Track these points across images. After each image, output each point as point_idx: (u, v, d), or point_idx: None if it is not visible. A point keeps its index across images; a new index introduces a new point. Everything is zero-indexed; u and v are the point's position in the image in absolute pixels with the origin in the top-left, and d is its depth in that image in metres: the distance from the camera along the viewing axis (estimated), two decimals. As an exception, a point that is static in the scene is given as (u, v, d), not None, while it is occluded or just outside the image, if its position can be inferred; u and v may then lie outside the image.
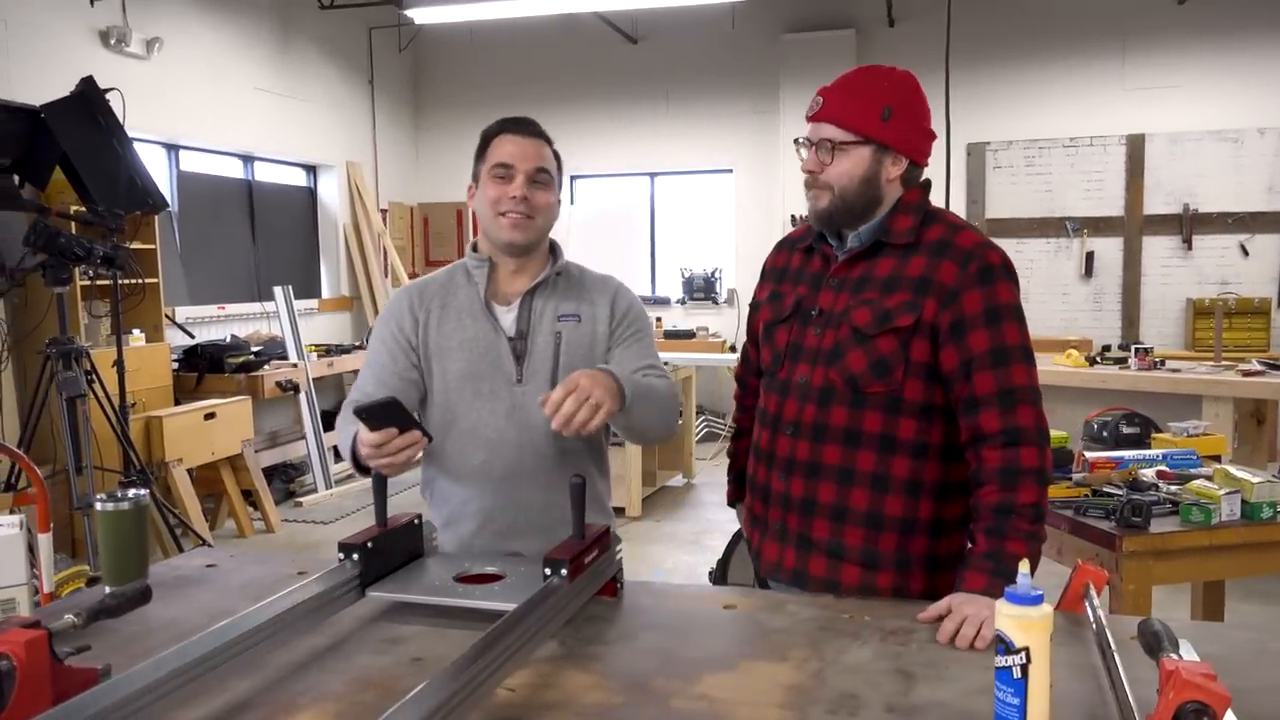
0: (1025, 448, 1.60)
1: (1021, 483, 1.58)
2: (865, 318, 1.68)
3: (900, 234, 1.70)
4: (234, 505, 5.58)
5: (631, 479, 5.81)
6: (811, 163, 1.72)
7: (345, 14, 7.89)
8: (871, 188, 1.70)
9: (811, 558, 1.73)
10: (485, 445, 1.85)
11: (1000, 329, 1.63)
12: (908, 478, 1.68)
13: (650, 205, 9.19)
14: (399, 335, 1.91)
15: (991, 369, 1.62)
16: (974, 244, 1.68)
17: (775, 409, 1.78)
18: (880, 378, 1.66)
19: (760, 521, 1.83)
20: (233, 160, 7.37)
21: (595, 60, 8.81)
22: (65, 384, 3.69)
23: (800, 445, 1.72)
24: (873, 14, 7.94)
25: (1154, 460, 2.71)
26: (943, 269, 1.65)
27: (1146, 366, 4.95)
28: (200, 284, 6.86)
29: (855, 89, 1.72)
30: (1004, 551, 1.56)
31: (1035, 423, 1.62)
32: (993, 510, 1.59)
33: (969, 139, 7.93)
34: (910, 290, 1.66)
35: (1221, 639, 1.44)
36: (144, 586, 1.41)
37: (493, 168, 1.86)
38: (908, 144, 1.71)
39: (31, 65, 5.34)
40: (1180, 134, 7.47)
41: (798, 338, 1.77)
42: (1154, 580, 2.26)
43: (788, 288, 1.83)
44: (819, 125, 1.72)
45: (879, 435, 1.68)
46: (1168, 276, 7.64)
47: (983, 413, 1.62)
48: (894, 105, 1.69)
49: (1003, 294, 1.65)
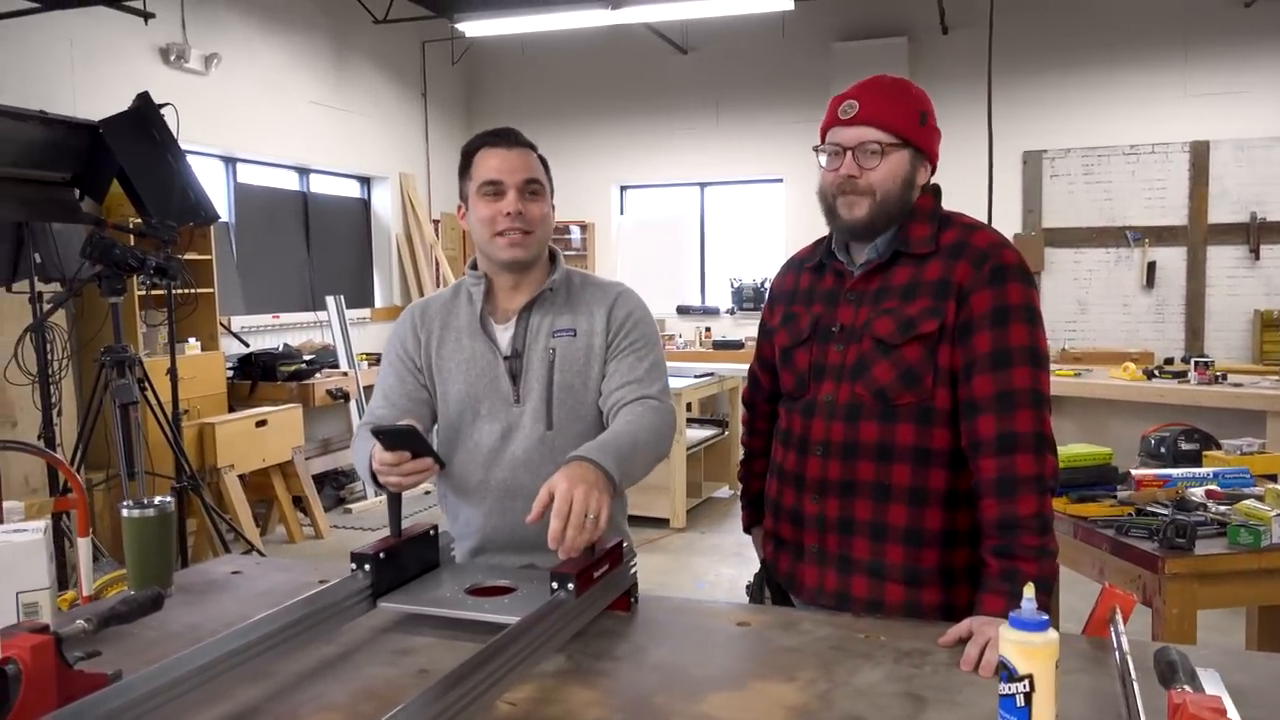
0: (1020, 455, 1.54)
1: (1020, 493, 1.53)
2: (888, 327, 1.63)
3: (919, 242, 1.66)
4: (284, 511, 5.67)
5: (676, 490, 5.79)
6: (849, 167, 1.66)
7: (399, 29, 8.02)
8: (908, 192, 1.67)
9: (854, 578, 1.67)
10: (483, 465, 1.83)
11: (1006, 330, 1.58)
12: (945, 489, 1.63)
13: (700, 215, 9.18)
14: (405, 356, 1.90)
15: (991, 371, 1.57)
16: (989, 243, 1.64)
17: (801, 430, 1.72)
18: (910, 387, 1.62)
19: (791, 546, 1.77)
20: (289, 173, 7.54)
21: (646, 71, 8.83)
22: (118, 391, 3.78)
23: (832, 465, 1.67)
24: (925, 21, 7.84)
25: (1204, 479, 2.61)
26: (959, 269, 1.62)
27: (1207, 380, 4.80)
28: (256, 293, 7.01)
29: (890, 93, 1.68)
30: (1018, 572, 1.52)
31: (1034, 428, 1.56)
32: (996, 527, 1.55)
33: (1025, 147, 7.78)
34: (930, 295, 1.62)
35: (1254, 669, 1.37)
36: (155, 594, 1.43)
37: (481, 186, 1.81)
38: (935, 151, 1.71)
39: (95, 82, 5.52)
40: (1247, 140, 7.25)
41: (819, 357, 1.72)
42: (1199, 605, 2.17)
43: (800, 308, 1.79)
44: (859, 129, 1.65)
45: (912, 448, 1.63)
46: (1234, 287, 7.40)
47: (979, 417, 1.58)
48: (927, 111, 1.69)
49: (1013, 294, 1.60)
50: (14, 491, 4.48)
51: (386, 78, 8.28)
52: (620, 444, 1.66)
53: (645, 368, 1.84)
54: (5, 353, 4.28)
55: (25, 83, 5.14)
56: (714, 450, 6.60)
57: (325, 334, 7.18)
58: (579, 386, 1.84)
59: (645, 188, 9.35)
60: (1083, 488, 2.55)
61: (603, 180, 9.18)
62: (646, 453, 1.73)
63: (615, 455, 1.60)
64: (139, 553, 1.71)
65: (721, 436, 6.61)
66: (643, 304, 1.93)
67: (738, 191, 9.06)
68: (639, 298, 1.93)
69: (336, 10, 7.56)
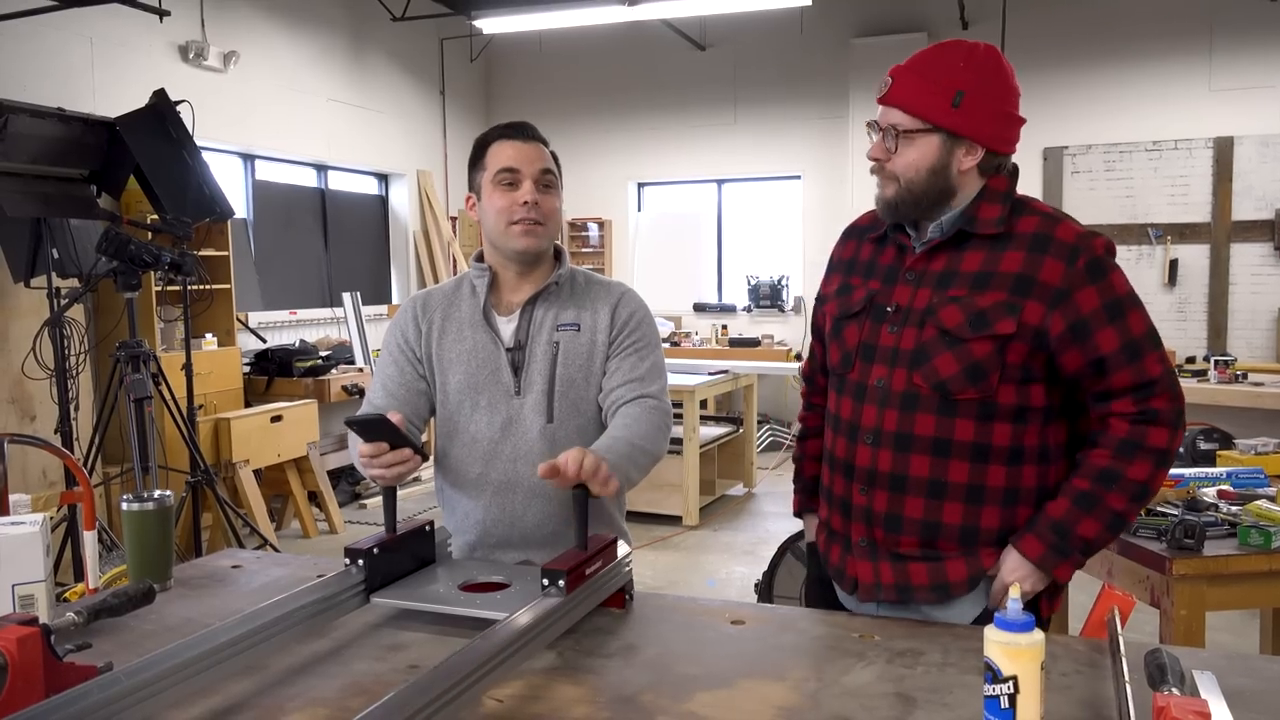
0: (1156, 428, 1.52)
1: (1138, 457, 1.52)
2: (956, 318, 1.55)
3: (987, 223, 1.57)
4: (299, 506, 5.71)
5: (689, 488, 5.77)
6: (877, 150, 1.60)
7: (417, 26, 8.05)
8: (941, 179, 1.57)
9: (910, 566, 1.62)
10: (482, 457, 1.84)
11: (1126, 322, 1.53)
12: (1005, 486, 1.58)
13: (717, 212, 9.15)
14: (404, 346, 1.91)
15: (1128, 365, 1.52)
16: (1077, 236, 1.54)
17: (851, 415, 1.65)
18: (974, 383, 1.54)
19: (842, 539, 1.70)
20: (307, 169, 7.58)
21: (663, 67, 8.81)
22: (133, 386, 3.82)
23: (882, 455, 1.61)
24: (945, 16, 7.78)
25: (1217, 479, 2.57)
26: (1046, 266, 1.52)
27: (1227, 379, 4.74)
28: (274, 289, 7.06)
29: (926, 69, 1.56)
30: (1074, 530, 1.52)
31: (1172, 405, 1.53)
32: (1096, 474, 1.54)
33: (1046, 143, 7.71)
34: (1007, 289, 1.53)
35: (1255, 672, 1.34)
36: (146, 587, 1.44)
37: (497, 174, 1.81)
38: (984, 132, 1.56)
39: (115, 79, 5.57)
40: (1272, 136, 7.14)
41: (870, 336, 1.64)
42: (1207, 606, 2.13)
43: (858, 280, 1.70)
44: (887, 110, 1.58)
45: (971, 444, 1.56)
46: (1258, 285, 7.30)
47: (1115, 402, 1.54)
48: (968, 89, 1.53)
49: (1119, 285, 1.54)
50: (32, 485, 4.54)
51: (405, 75, 8.31)
52: (620, 448, 1.67)
53: (646, 367, 1.84)
54: (23, 347, 4.34)
55: (45, 80, 5.19)
56: (727, 448, 6.58)
57: (342, 330, 7.21)
58: (581, 381, 1.84)
59: (663, 185, 9.33)
60: (1092, 487, 2.51)
61: (620, 177, 9.18)
62: (644, 456, 1.74)
63: (615, 456, 1.61)
64: (138, 546, 1.72)
65: (735, 434, 6.59)
66: (645, 305, 1.93)
67: (755, 189, 9.03)
68: (641, 298, 1.94)
69: (355, 8, 7.59)
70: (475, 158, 1.88)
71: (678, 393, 5.52)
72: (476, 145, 1.88)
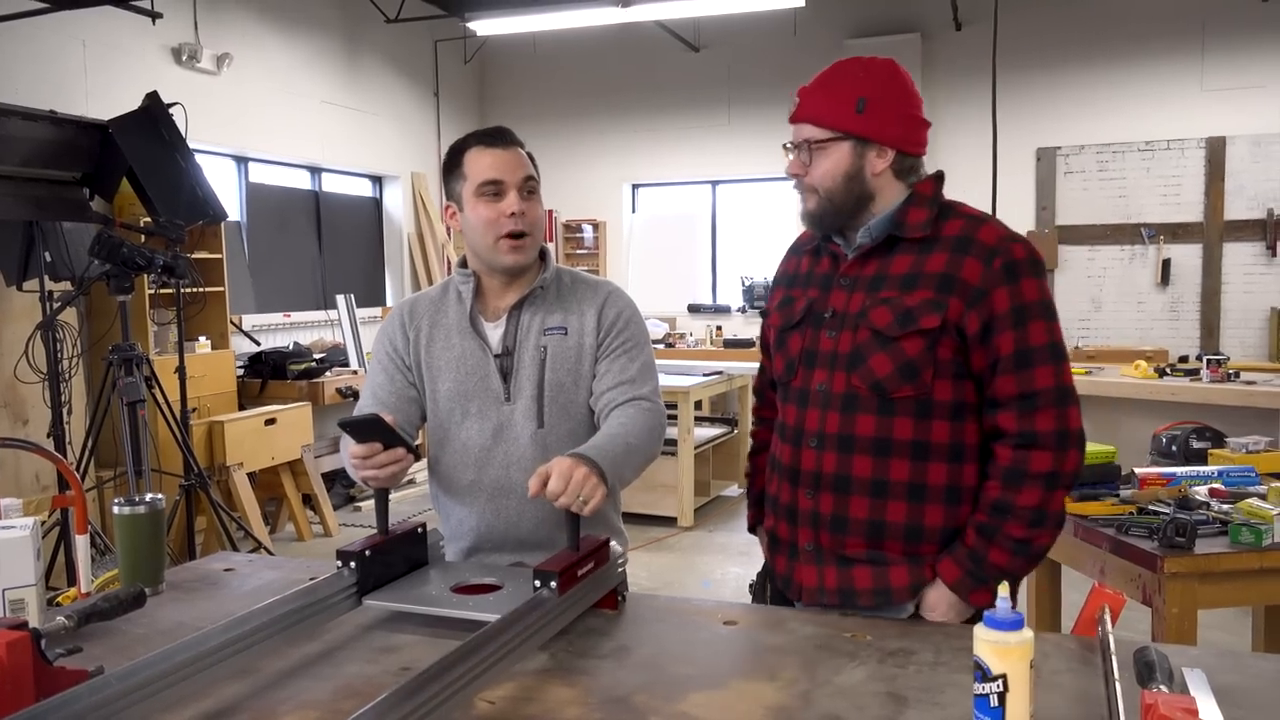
0: (1037, 452, 1.56)
1: (1025, 485, 1.56)
2: (886, 318, 1.60)
3: (915, 227, 1.63)
4: (293, 509, 5.70)
5: (684, 489, 5.77)
6: (794, 166, 1.68)
7: (411, 28, 8.04)
8: (857, 184, 1.63)
9: (855, 571, 1.65)
10: (474, 464, 1.83)
11: (1026, 330, 1.56)
12: (946, 484, 1.62)
13: (712, 213, 9.16)
14: (393, 354, 1.90)
15: (1015, 372, 1.57)
16: (998, 238, 1.60)
17: (795, 421, 1.70)
18: (909, 381, 1.59)
19: (786, 546, 1.74)
20: (300, 172, 7.57)
21: (657, 69, 8.82)
22: (125, 389, 3.81)
23: (826, 457, 1.64)
24: (938, 17, 7.80)
25: (1209, 477, 2.58)
26: (966, 266, 1.58)
27: (1219, 378, 4.74)
28: (267, 292, 7.05)
29: (829, 84, 1.65)
30: (986, 558, 1.57)
31: (1057, 426, 1.56)
32: (990, 507, 1.59)
33: (1039, 143, 7.73)
34: (933, 288, 1.58)
35: (1245, 669, 1.35)
36: (137, 590, 1.44)
37: (480, 186, 1.78)
38: (889, 134, 1.63)
39: (107, 82, 5.56)
40: (1264, 136, 7.17)
41: (811, 343, 1.69)
42: (1199, 604, 2.14)
43: (798, 292, 1.76)
44: (798, 126, 1.67)
45: (911, 442, 1.61)
46: (1250, 285, 7.32)
47: (1000, 414, 1.59)
48: (869, 95, 1.61)
49: (1029, 291, 1.57)
50: (25, 489, 4.52)
51: (399, 77, 8.31)
52: (614, 447, 1.67)
53: (637, 368, 1.84)
54: (16, 351, 4.32)
55: (37, 83, 5.18)
56: (722, 449, 6.58)
57: (336, 333, 7.21)
58: (570, 385, 1.84)
59: (657, 186, 9.34)
60: (1085, 486, 2.52)
61: (614, 178, 9.18)
62: (638, 456, 1.74)
63: (610, 458, 1.61)
64: (130, 550, 1.72)
65: (730, 435, 6.59)
66: (632, 303, 1.92)
67: (750, 190, 9.04)
68: (629, 297, 1.93)
69: (348, 9, 7.59)
70: (451, 165, 1.84)
71: (672, 394, 5.51)
72: (452, 152, 1.84)
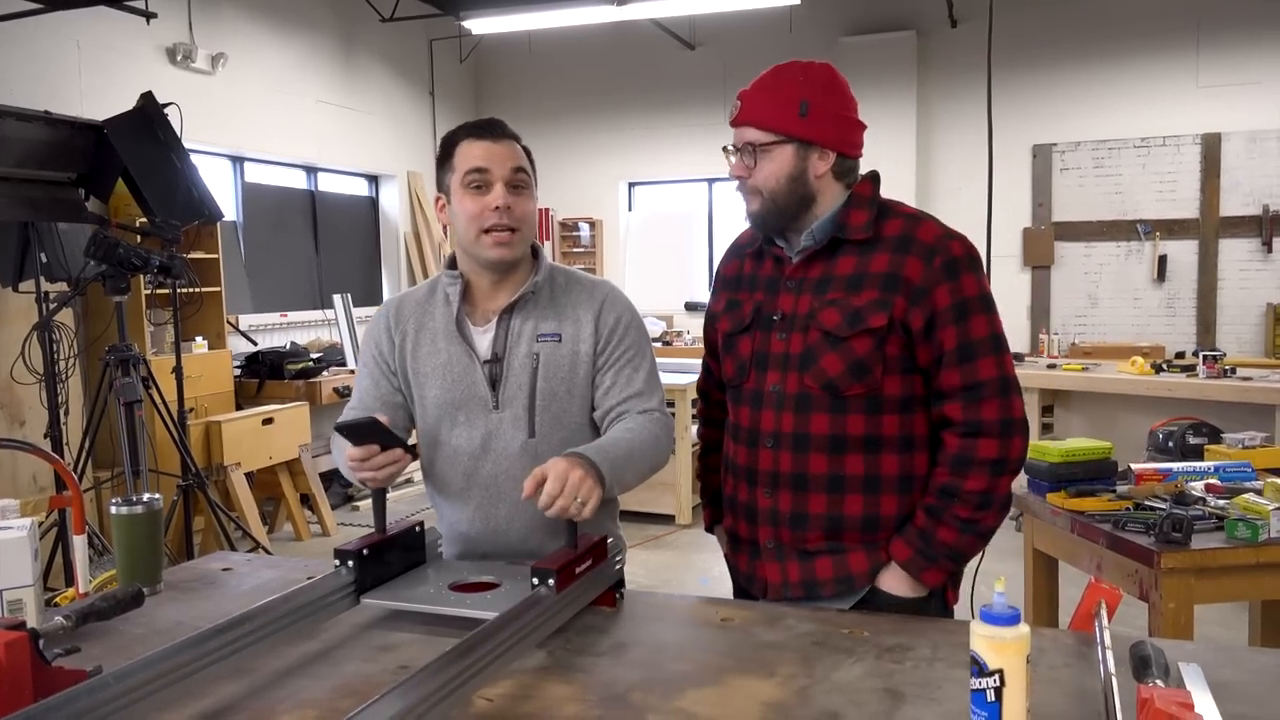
0: (984, 439, 1.61)
1: (971, 471, 1.61)
2: (835, 319, 1.64)
3: (857, 229, 1.66)
4: (291, 509, 5.70)
5: (681, 486, 5.78)
6: (738, 168, 1.70)
7: (406, 27, 8.04)
8: (800, 185, 1.66)
9: (816, 562, 1.69)
10: (464, 471, 1.80)
11: (967, 324, 1.62)
12: (899, 474, 1.67)
13: (708, 211, 9.16)
14: (379, 359, 1.86)
15: (959, 365, 1.62)
16: (935, 237, 1.64)
17: (750, 422, 1.72)
18: (859, 379, 1.63)
19: (747, 544, 1.77)
20: (296, 171, 7.56)
21: (653, 67, 8.82)
22: (122, 390, 3.80)
23: (783, 457, 1.68)
24: (934, 15, 7.80)
25: (1205, 473, 2.59)
26: (908, 265, 1.62)
27: (1215, 374, 4.76)
28: (264, 292, 7.04)
29: (770, 87, 1.67)
30: (935, 536, 1.63)
31: (1000, 415, 1.62)
32: (938, 490, 1.64)
33: (1034, 140, 7.74)
34: (878, 287, 1.63)
35: (1241, 663, 1.35)
36: (135, 590, 1.44)
37: (466, 175, 1.72)
38: (831, 137, 1.66)
39: (103, 82, 5.55)
40: (1259, 132, 7.18)
41: (762, 345, 1.72)
42: (1195, 599, 2.15)
43: (744, 295, 1.78)
44: (740, 129, 1.69)
45: (863, 437, 1.65)
46: (1246, 280, 7.34)
47: (946, 404, 1.64)
48: (811, 99, 1.64)
49: (968, 286, 1.62)
50: (22, 490, 4.52)
51: (394, 76, 8.30)
52: (616, 449, 1.65)
53: (643, 378, 1.81)
54: (12, 352, 4.32)
55: (32, 83, 5.17)
56: (721, 446, 6.58)
57: (333, 332, 7.21)
58: (563, 394, 1.79)
59: (653, 184, 9.34)
60: (1081, 482, 2.53)
61: (611, 177, 9.18)
62: (642, 461, 1.72)
63: (609, 458, 1.60)
64: (128, 550, 1.72)
65: (728, 433, 6.59)
66: (630, 305, 1.86)
67: (746, 187, 9.04)
68: (626, 298, 1.87)
69: (343, 9, 7.58)
70: (443, 156, 1.78)
71: (669, 392, 5.52)
72: (444, 144, 1.79)
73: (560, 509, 1.48)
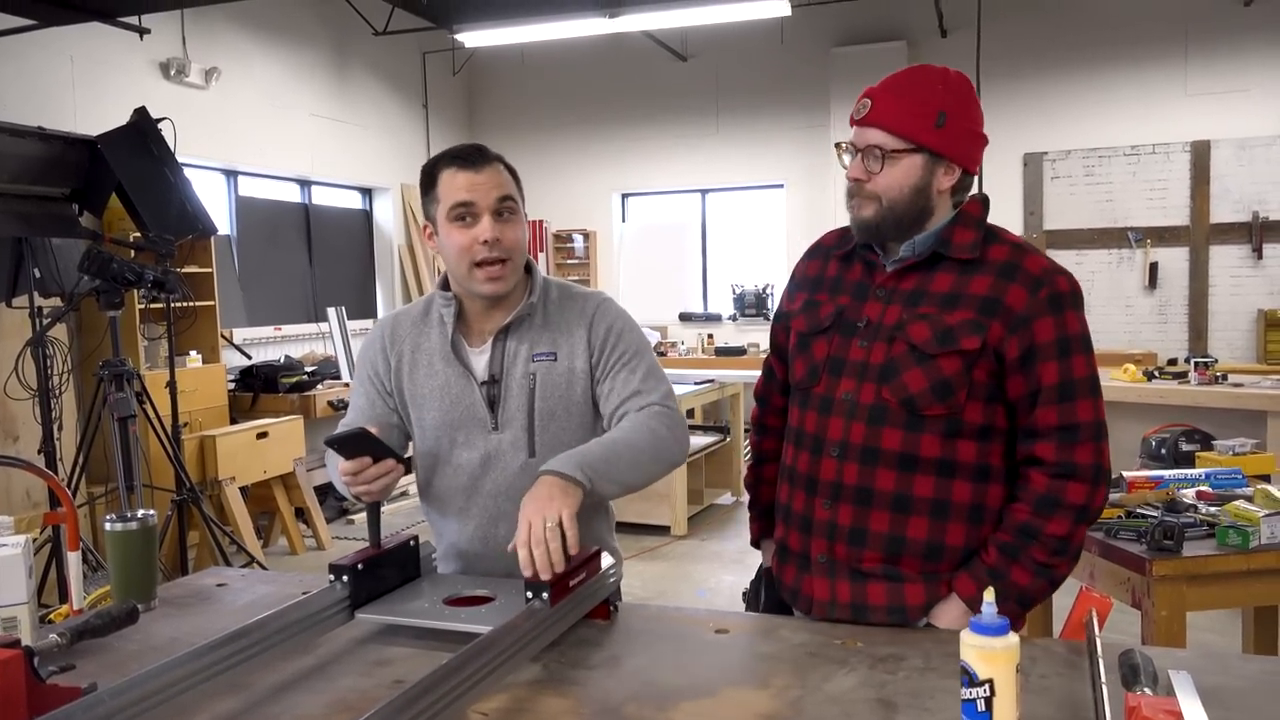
0: (1074, 483, 1.54)
1: (1056, 514, 1.54)
2: (924, 334, 1.56)
3: (961, 247, 1.60)
4: (286, 523, 5.68)
5: (677, 497, 5.78)
6: (857, 170, 1.61)
7: (399, 40, 8.06)
8: (922, 198, 1.59)
9: (869, 586, 1.62)
10: (464, 491, 1.80)
11: (1070, 362, 1.54)
12: (970, 503, 1.59)
13: (701, 222, 9.19)
14: (374, 378, 1.85)
15: (1057, 403, 1.54)
16: (1042, 269, 1.57)
17: (816, 429, 1.65)
18: (942, 400, 1.56)
19: (797, 557, 1.69)
20: (290, 185, 7.57)
21: (645, 78, 8.86)
22: (116, 405, 3.80)
23: (848, 468, 1.60)
24: (924, 25, 7.85)
25: (1196, 480, 2.60)
26: (1011, 292, 1.55)
27: (1207, 381, 4.78)
28: (258, 305, 7.05)
29: (907, 91, 1.58)
30: (1008, 576, 1.54)
31: (1094, 460, 1.55)
32: (1016, 528, 1.56)
33: (1026, 149, 7.78)
34: (974, 309, 1.56)
35: (1231, 670, 1.36)
36: (130, 607, 1.44)
37: (452, 209, 1.69)
38: (962, 152, 1.60)
39: (96, 97, 5.57)
40: (1248, 139, 7.23)
41: (840, 350, 1.64)
42: (1187, 606, 2.16)
43: (825, 296, 1.70)
44: (866, 130, 1.60)
45: (937, 460, 1.58)
46: (1237, 287, 7.38)
47: (1039, 443, 1.56)
48: (949, 110, 1.57)
49: (1071, 324, 1.56)
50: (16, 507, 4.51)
51: (387, 89, 8.33)
52: (595, 450, 1.62)
53: (640, 377, 1.77)
54: (6, 367, 4.31)
55: (26, 99, 5.18)
56: (715, 457, 6.59)
57: (327, 345, 7.20)
58: (561, 413, 1.78)
59: (647, 195, 9.36)
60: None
61: (604, 188, 9.21)
62: (636, 456, 1.67)
63: (581, 461, 1.57)
64: (122, 566, 1.72)
65: (723, 443, 6.60)
66: (623, 313, 1.85)
67: (739, 198, 9.07)
68: (618, 306, 1.86)
69: (336, 22, 7.60)
70: (426, 186, 1.74)
71: (664, 402, 5.51)
72: (425, 173, 1.75)
73: (544, 564, 1.44)
